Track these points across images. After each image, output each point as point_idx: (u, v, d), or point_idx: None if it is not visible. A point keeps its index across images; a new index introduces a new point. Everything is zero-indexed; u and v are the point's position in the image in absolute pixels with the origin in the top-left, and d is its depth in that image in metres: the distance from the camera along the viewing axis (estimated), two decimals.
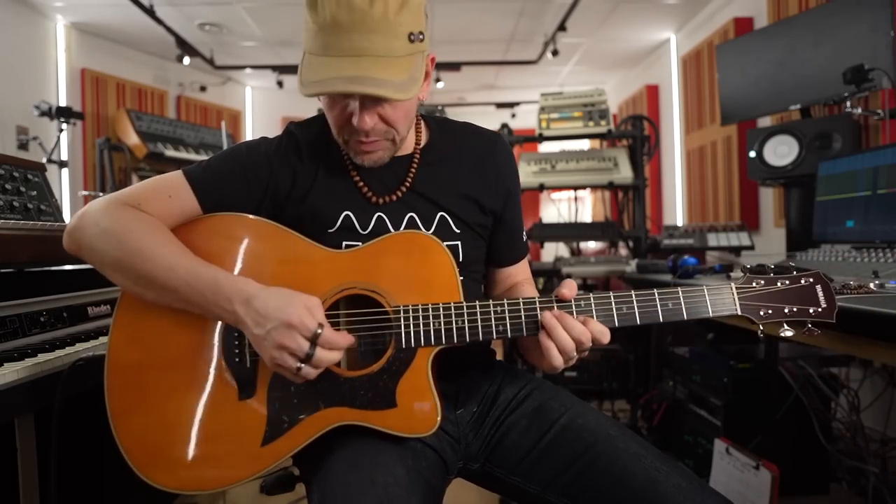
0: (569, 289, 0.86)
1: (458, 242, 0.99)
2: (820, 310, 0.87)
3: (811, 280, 0.88)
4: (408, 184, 0.98)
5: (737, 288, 0.88)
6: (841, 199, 1.70)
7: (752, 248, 2.67)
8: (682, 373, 2.29)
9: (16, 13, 4.04)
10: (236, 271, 0.88)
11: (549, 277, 3.06)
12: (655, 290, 0.87)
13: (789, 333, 0.87)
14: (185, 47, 4.71)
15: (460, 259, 0.98)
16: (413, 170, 0.99)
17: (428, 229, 0.97)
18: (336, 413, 0.84)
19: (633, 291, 0.87)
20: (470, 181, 1.01)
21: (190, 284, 0.82)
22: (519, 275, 1.12)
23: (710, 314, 0.87)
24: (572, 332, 0.83)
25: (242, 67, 5.67)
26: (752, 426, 1.92)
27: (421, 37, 0.85)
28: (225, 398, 0.84)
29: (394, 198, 0.97)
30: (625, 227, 2.93)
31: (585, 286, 3.26)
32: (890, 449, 2.07)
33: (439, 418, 0.83)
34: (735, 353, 2.07)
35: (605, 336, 0.84)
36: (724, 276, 1.74)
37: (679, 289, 0.87)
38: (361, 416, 0.84)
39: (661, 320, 0.86)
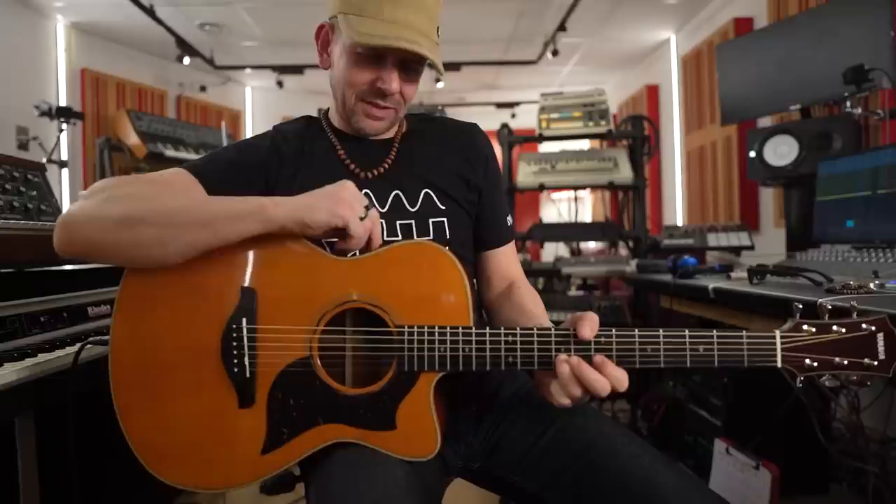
0: (590, 328, 0.78)
1: (444, 219, 0.99)
2: (876, 363, 0.75)
3: (874, 328, 0.75)
4: (392, 156, 1.01)
5: (782, 336, 0.77)
6: (841, 200, 1.69)
7: (752, 248, 2.67)
8: (682, 373, 2.29)
9: (16, 13, 4.04)
10: (237, 278, 0.86)
11: (549, 277, 3.06)
12: (687, 332, 0.78)
13: (831, 384, 0.76)
14: (185, 47, 4.71)
15: (447, 237, 0.98)
16: (396, 145, 1.03)
17: (413, 208, 0.98)
18: (335, 430, 0.83)
19: (661, 330, 0.78)
20: (453, 158, 1.04)
21: (217, 205, 0.82)
22: (511, 267, 1.09)
23: (745, 365, 0.77)
24: (590, 386, 0.76)
25: (242, 67, 5.68)
26: (752, 426, 1.92)
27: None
28: (226, 405, 0.84)
29: (381, 170, 0.99)
30: (625, 227, 2.93)
31: (585, 286, 3.27)
32: (890, 449, 2.07)
33: (438, 444, 0.82)
34: None
35: (621, 385, 0.76)
36: (724, 275, 1.74)
37: (714, 331, 0.78)
38: (360, 434, 0.83)
39: (689, 366, 0.78)
